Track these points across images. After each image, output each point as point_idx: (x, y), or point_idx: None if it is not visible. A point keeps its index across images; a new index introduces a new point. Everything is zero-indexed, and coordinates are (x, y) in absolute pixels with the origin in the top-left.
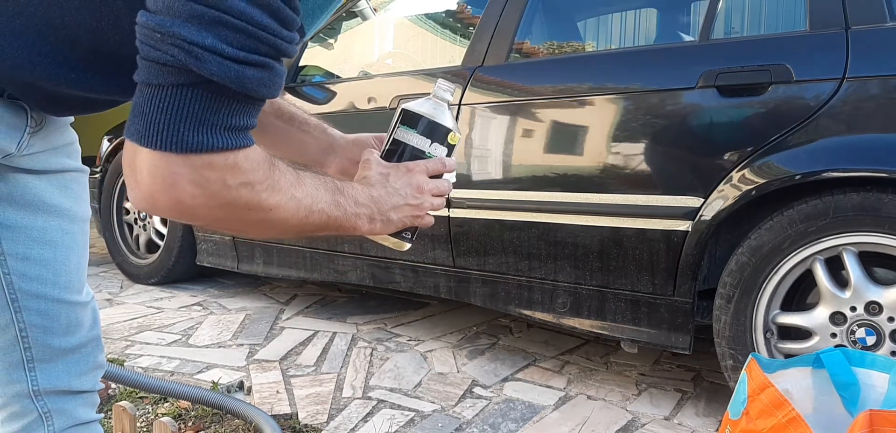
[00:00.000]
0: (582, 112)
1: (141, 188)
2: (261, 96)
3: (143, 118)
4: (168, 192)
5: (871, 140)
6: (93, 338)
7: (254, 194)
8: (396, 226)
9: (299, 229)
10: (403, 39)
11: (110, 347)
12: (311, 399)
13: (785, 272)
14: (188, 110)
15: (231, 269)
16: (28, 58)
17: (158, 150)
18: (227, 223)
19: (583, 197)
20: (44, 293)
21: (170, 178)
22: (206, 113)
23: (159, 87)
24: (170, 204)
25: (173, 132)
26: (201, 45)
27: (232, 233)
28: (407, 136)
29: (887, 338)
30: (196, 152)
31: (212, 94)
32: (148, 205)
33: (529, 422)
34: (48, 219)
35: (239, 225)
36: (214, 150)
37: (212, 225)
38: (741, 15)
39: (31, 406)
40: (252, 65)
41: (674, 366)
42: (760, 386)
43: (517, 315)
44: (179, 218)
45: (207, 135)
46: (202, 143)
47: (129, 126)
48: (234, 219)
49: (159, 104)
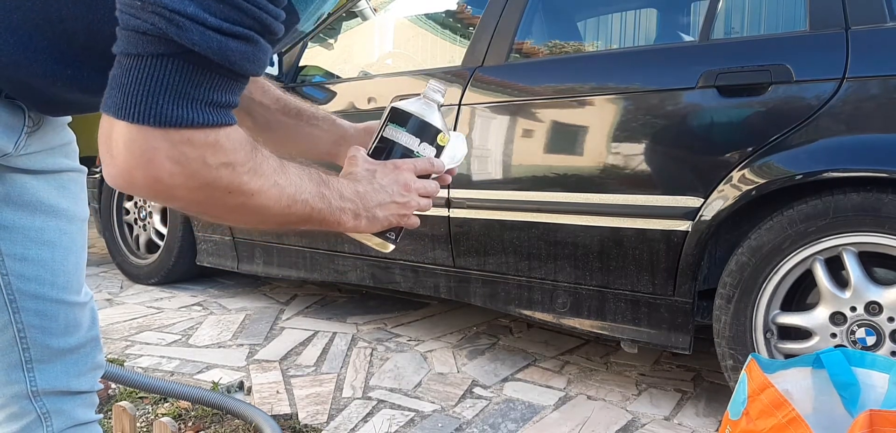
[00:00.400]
0: (582, 112)
1: (116, 163)
2: (244, 72)
3: (121, 90)
4: (145, 169)
5: (871, 140)
6: (91, 338)
7: (235, 176)
8: (382, 225)
9: (281, 219)
10: (403, 39)
11: (110, 347)
12: (311, 399)
13: (785, 272)
14: (168, 82)
15: (231, 269)
16: (24, 54)
17: (136, 124)
18: (207, 206)
19: (583, 197)
20: (42, 293)
21: (147, 152)
22: (187, 86)
23: (138, 58)
24: (147, 181)
25: (152, 104)
26: (183, 13)
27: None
28: (396, 135)
29: (887, 339)
30: (175, 126)
31: (193, 65)
32: (124, 181)
33: (529, 422)
34: (46, 220)
35: (218, 209)
36: (195, 125)
37: (191, 208)
38: (741, 15)
39: (30, 407)
40: (236, 37)
41: (674, 366)
42: (760, 386)
43: (517, 315)
44: (156, 197)
45: (188, 109)
46: (182, 117)
47: (105, 98)
48: (214, 202)
49: (138, 75)
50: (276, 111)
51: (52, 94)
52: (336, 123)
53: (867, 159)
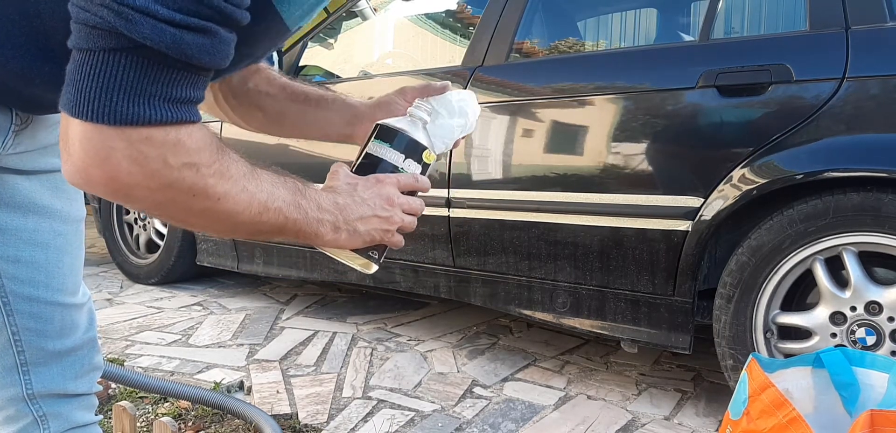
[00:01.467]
0: (582, 112)
1: (73, 161)
2: (204, 65)
3: (74, 86)
4: (101, 167)
5: (871, 140)
6: (89, 340)
7: (199, 178)
8: (363, 240)
9: (252, 228)
10: (403, 39)
11: (110, 347)
12: (311, 399)
13: (785, 272)
14: (121, 78)
15: (231, 269)
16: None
17: (90, 122)
18: (170, 209)
19: (583, 197)
20: (36, 295)
21: (103, 151)
22: (142, 82)
23: (90, 53)
24: (104, 179)
25: (105, 102)
26: (132, 6)
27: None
28: (380, 150)
29: (887, 338)
30: (132, 125)
31: (147, 60)
32: (81, 179)
33: (529, 421)
34: (39, 221)
35: (182, 213)
36: (152, 123)
37: (153, 210)
38: (741, 15)
39: (26, 409)
40: (191, 29)
41: (674, 366)
42: (761, 386)
43: (517, 315)
44: (114, 196)
45: (143, 106)
46: (137, 115)
47: (62, 95)
48: (178, 205)
49: (90, 71)
50: (284, 99)
51: (30, 94)
52: (347, 103)
53: (867, 159)
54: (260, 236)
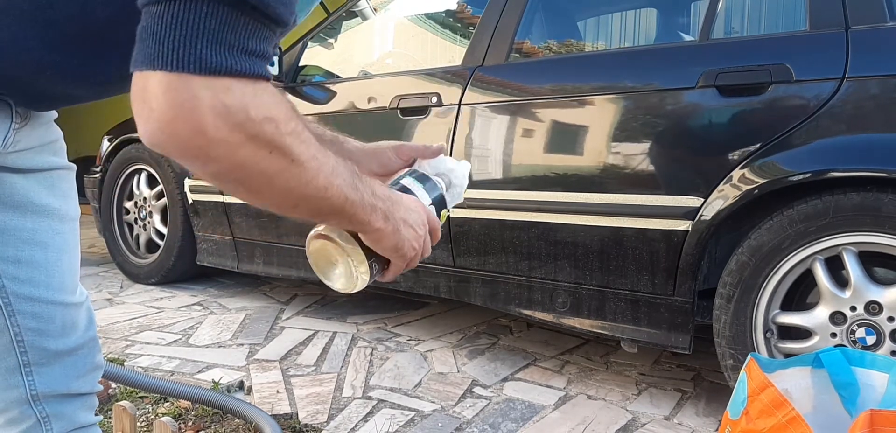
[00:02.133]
0: (582, 112)
1: (156, 117)
2: (278, 18)
3: (154, 38)
4: (188, 120)
5: (871, 140)
6: (89, 339)
7: (278, 134)
8: (402, 242)
9: (315, 202)
10: (403, 39)
11: (110, 347)
12: (311, 399)
13: (785, 272)
14: (204, 26)
15: (231, 269)
16: (11, 40)
17: (175, 71)
18: (244, 172)
19: (583, 197)
20: (37, 295)
21: (189, 102)
22: (223, 31)
23: (169, 3)
24: (189, 133)
25: (191, 49)
26: None
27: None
28: (415, 187)
29: (887, 338)
30: (216, 74)
31: (228, 8)
32: (165, 136)
33: (529, 421)
34: (38, 220)
35: (258, 177)
36: (234, 73)
37: (228, 173)
38: (741, 15)
39: (30, 411)
40: None
41: (674, 366)
42: (760, 386)
43: (517, 315)
44: (196, 155)
45: (226, 55)
46: (221, 64)
47: (135, 56)
48: (253, 167)
49: (172, 20)
50: None
51: (40, 87)
52: (342, 145)
53: (867, 159)
54: (317, 216)
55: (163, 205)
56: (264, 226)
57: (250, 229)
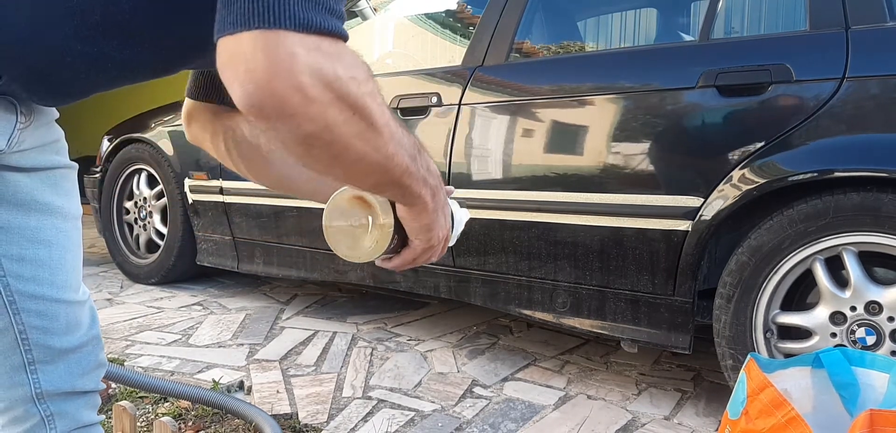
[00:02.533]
0: (582, 112)
1: (254, 75)
2: None
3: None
4: (286, 78)
5: (870, 140)
6: (93, 337)
7: (360, 92)
8: (436, 224)
9: (383, 168)
10: (403, 39)
11: (110, 347)
12: (311, 399)
13: (785, 272)
14: None
15: (231, 269)
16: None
17: (271, 28)
18: (333, 135)
19: (583, 197)
20: (41, 293)
21: (287, 59)
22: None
23: None
24: (289, 89)
25: (284, 5)
26: None
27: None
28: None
29: (887, 338)
30: (308, 31)
31: None
32: (265, 93)
33: (529, 421)
34: (42, 219)
35: (338, 142)
36: (323, 30)
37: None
38: (741, 15)
39: (34, 410)
40: None
41: (674, 366)
42: (760, 386)
43: (517, 315)
44: (293, 115)
45: (316, 12)
46: (313, 21)
47: (220, 22)
48: (339, 128)
49: None
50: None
51: (59, 77)
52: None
53: (867, 159)
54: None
55: (163, 205)
56: (264, 226)
57: (250, 229)
